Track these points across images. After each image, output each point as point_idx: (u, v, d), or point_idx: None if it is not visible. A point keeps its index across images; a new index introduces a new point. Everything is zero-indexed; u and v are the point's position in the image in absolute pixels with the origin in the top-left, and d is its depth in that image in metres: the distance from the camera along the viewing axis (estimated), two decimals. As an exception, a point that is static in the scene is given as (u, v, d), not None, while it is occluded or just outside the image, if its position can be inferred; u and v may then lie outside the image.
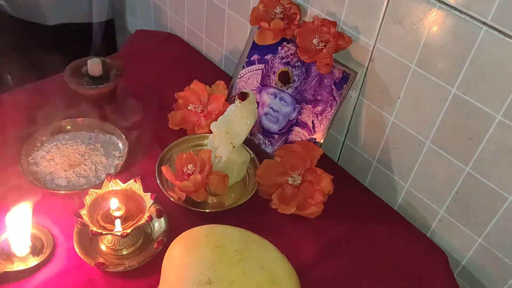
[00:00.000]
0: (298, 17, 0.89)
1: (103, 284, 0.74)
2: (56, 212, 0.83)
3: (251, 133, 0.98)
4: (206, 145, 0.95)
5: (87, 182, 0.88)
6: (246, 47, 1.00)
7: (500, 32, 0.65)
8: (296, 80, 0.93)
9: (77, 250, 0.76)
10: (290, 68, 0.93)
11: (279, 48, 0.94)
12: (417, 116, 0.81)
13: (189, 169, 0.83)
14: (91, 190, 0.77)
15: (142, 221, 0.74)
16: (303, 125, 0.92)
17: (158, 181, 0.87)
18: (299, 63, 0.92)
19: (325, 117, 0.90)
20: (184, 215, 0.84)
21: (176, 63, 1.20)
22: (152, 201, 0.76)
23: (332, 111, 0.89)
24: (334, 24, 0.83)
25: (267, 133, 0.97)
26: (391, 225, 0.88)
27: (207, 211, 0.85)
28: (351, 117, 0.93)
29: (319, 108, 0.90)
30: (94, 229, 0.72)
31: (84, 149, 0.92)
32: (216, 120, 0.88)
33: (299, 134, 0.93)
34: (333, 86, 0.88)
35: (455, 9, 0.69)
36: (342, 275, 0.80)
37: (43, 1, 1.39)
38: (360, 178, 0.97)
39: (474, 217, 0.80)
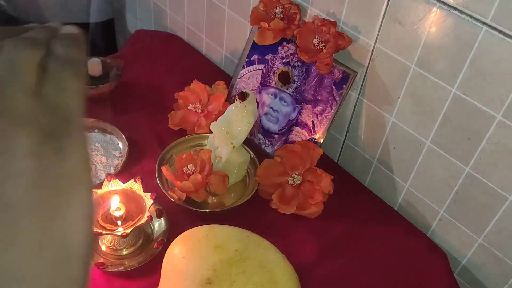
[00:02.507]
0: (298, 17, 0.89)
1: (103, 284, 0.74)
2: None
3: (251, 133, 0.98)
4: (206, 145, 0.95)
5: (87, 182, 0.87)
6: (246, 47, 1.00)
7: (500, 32, 0.65)
8: (296, 80, 0.93)
9: (77, 250, 0.76)
10: (290, 68, 0.93)
11: (279, 48, 0.94)
12: (417, 116, 0.81)
13: (189, 169, 0.83)
14: (91, 190, 0.76)
15: (142, 221, 0.74)
16: (303, 125, 0.92)
17: (158, 181, 0.87)
18: (299, 63, 0.92)
19: (325, 117, 0.90)
20: (184, 215, 0.84)
21: (176, 63, 1.20)
22: (152, 201, 0.76)
23: (332, 111, 0.89)
24: (334, 24, 0.83)
25: (267, 133, 0.97)
26: (391, 225, 0.88)
27: (207, 211, 0.85)
28: (351, 117, 0.93)
29: (319, 108, 0.90)
30: (94, 229, 0.72)
31: (84, 149, 0.91)
32: (216, 120, 0.88)
33: (299, 134, 0.93)
34: (333, 86, 0.88)
35: (455, 9, 0.69)
36: (342, 275, 0.80)
37: (42, 1, 1.39)
38: (360, 178, 0.97)
39: (474, 217, 0.80)
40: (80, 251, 0.22)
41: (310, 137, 0.92)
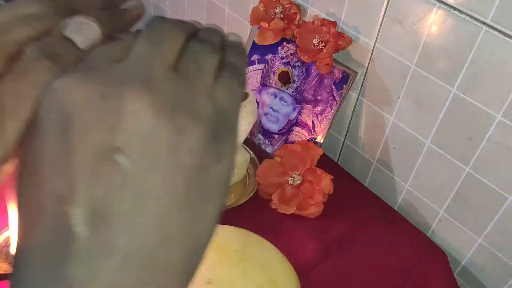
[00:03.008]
0: (298, 17, 0.89)
1: (103, 284, 0.74)
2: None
3: (251, 133, 0.98)
4: (206, 145, 0.95)
5: (87, 182, 0.87)
6: (246, 47, 1.00)
7: (500, 32, 0.65)
8: (296, 80, 0.93)
9: (77, 250, 0.76)
10: (290, 68, 0.93)
11: (279, 48, 0.94)
12: (417, 116, 0.81)
13: (189, 169, 0.83)
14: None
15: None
16: (303, 125, 0.93)
17: (158, 181, 0.87)
18: (299, 63, 0.92)
19: (325, 117, 0.90)
20: (184, 215, 0.84)
21: (176, 63, 1.20)
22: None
23: (332, 111, 0.89)
24: (334, 24, 0.83)
25: (267, 133, 0.97)
26: (391, 225, 0.88)
27: (207, 211, 0.85)
28: (351, 117, 0.93)
29: (319, 108, 0.90)
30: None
31: (84, 149, 0.91)
32: (216, 120, 0.88)
33: (299, 134, 0.93)
34: (333, 86, 0.88)
35: (455, 9, 0.69)
36: (342, 275, 0.80)
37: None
38: (360, 178, 0.97)
39: (474, 217, 0.80)
40: (206, 245, 0.24)
41: (310, 137, 0.92)
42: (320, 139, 0.91)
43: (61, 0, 0.26)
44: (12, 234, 0.74)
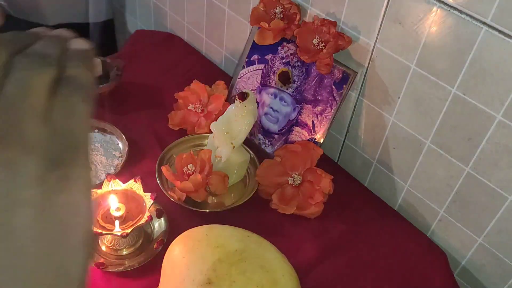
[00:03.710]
0: (298, 17, 0.89)
1: (103, 284, 0.74)
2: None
3: (251, 133, 0.98)
4: (206, 145, 0.95)
5: (87, 182, 0.87)
6: (246, 47, 1.00)
7: (500, 32, 0.65)
8: (296, 80, 0.93)
9: (77, 250, 0.76)
10: (290, 68, 0.93)
11: (279, 48, 0.94)
12: (417, 116, 0.81)
13: (189, 169, 0.83)
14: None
15: (142, 221, 0.74)
16: (303, 125, 0.92)
17: (158, 181, 0.87)
18: (299, 63, 0.92)
19: (325, 117, 0.90)
20: (184, 215, 0.84)
21: (176, 63, 1.20)
22: (152, 201, 0.76)
23: (332, 111, 0.89)
24: (334, 24, 0.83)
25: (267, 133, 0.97)
26: (391, 225, 0.88)
27: (207, 211, 0.85)
28: (351, 117, 0.93)
29: (319, 108, 0.90)
30: (94, 229, 0.72)
31: (84, 149, 0.91)
32: (216, 120, 0.88)
33: (299, 134, 0.93)
34: (333, 86, 0.88)
35: (455, 9, 0.69)
36: (342, 275, 0.80)
37: (42, 1, 1.39)
38: (360, 178, 0.97)
39: (474, 217, 0.80)
40: (76, 278, 0.22)
41: (310, 137, 0.92)
42: (320, 139, 0.91)
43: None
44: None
